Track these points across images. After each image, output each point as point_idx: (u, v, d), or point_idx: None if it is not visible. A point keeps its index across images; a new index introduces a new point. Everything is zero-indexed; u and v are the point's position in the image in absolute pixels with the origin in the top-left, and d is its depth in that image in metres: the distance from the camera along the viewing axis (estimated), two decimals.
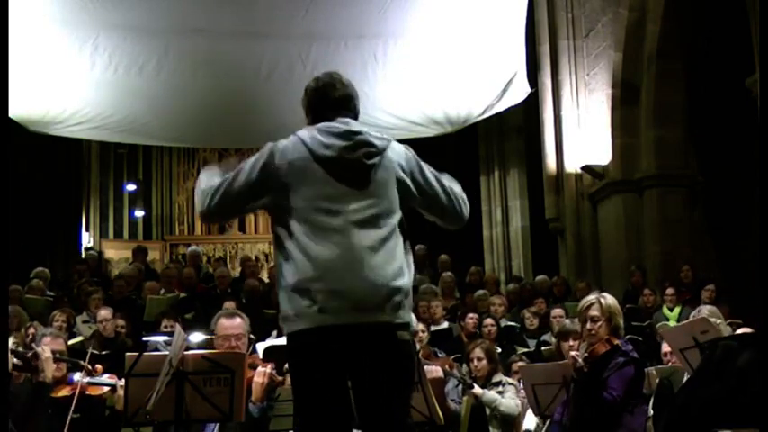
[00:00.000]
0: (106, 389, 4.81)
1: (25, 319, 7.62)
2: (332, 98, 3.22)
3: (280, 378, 4.69)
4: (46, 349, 4.70)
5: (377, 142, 3.13)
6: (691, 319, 5.36)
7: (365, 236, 3.02)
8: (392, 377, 3.00)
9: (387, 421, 3.01)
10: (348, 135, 3.11)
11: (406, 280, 3.08)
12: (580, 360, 4.61)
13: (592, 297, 4.83)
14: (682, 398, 2.97)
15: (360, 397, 3.03)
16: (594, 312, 4.68)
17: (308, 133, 3.14)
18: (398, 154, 3.17)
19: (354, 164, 3.08)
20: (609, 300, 4.75)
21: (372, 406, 3.01)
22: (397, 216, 3.12)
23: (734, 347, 2.81)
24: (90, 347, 5.45)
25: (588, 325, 4.68)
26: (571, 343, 5.40)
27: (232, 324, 4.45)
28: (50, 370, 4.67)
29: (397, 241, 3.09)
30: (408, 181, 3.15)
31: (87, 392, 4.76)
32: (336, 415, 2.99)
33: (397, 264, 3.05)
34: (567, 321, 5.93)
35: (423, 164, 3.22)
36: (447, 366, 6.22)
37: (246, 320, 4.59)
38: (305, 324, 2.98)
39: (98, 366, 4.93)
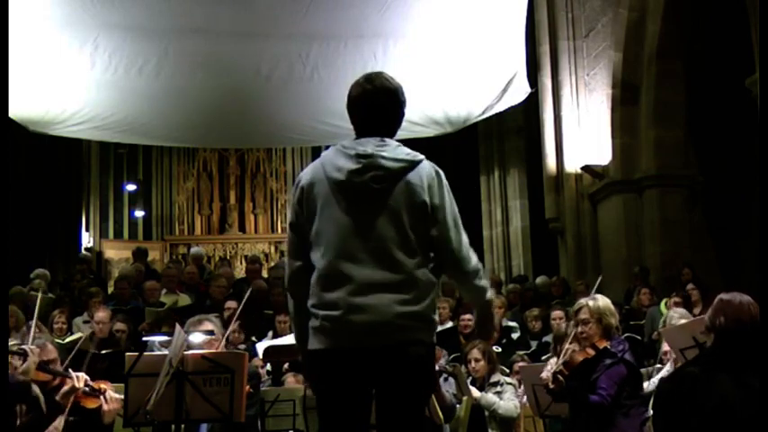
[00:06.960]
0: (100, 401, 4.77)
1: (22, 319, 7.61)
2: (360, 113, 3.17)
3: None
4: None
5: (388, 164, 3.03)
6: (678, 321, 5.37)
7: (374, 262, 2.98)
8: (401, 395, 2.99)
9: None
10: (357, 157, 3.04)
11: (418, 305, 2.98)
12: (550, 380, 4.65)
13: (582, 300, 4.89)
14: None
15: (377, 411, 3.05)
16: (584, 315, 4.72)
17: (330, 152, 3.13)
18: (422, 178, 3.05)
19: (363, 188, 3.02)
20: (599, 302, 4.77)
21: (384, 421, 3.03)
22: (413, 241, 3.01)
23: (697, 374, 2.69)
24: (91, 348, 5.40)
25: (579, 328, 4.74)
26: (567, 346, 5.44)
27: (204, 330, 4.52)
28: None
29: (410, 266, 3.00)
30: (429, 207, 3.04)
31: (82, 404, 4.71)
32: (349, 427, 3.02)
33: (405, 290, 2.98)
34: (563, 325, 5.95)
35: (447, 200, 3.08)
36: None
37: (216, 322, 4.69)
38: (313, 345, 3.02)
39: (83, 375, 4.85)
